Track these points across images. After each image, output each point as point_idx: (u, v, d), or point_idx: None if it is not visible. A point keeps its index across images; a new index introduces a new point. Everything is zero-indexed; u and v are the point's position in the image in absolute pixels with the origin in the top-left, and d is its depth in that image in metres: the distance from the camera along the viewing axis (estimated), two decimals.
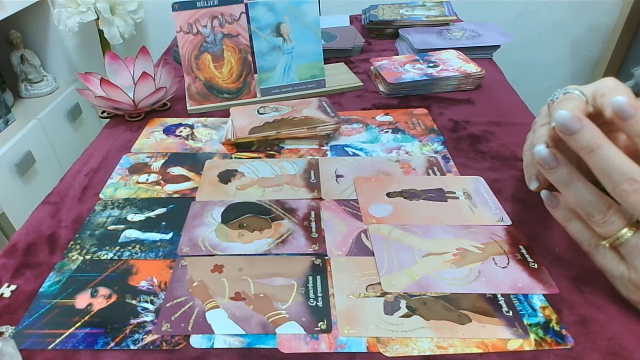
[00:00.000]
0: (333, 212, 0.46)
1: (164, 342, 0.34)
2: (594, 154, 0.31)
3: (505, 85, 0.73)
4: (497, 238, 0.42)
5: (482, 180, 0.50)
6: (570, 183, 0.33)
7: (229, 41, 0.66)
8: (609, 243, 0.33)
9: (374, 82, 0.75)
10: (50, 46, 1.43)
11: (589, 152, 0.31)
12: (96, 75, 0.65)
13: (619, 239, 0.32)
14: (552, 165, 0.33)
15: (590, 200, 0.32)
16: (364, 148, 0.57)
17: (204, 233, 0.44)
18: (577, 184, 0.33)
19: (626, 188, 0.30)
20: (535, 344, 0.33)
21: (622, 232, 0.32)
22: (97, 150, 0.59)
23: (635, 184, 0.30)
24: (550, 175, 0.34)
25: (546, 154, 0.34)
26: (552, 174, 0.34)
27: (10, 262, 0.41)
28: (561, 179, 0.33)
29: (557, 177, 0.34)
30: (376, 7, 1.03)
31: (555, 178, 0.34)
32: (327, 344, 0.33)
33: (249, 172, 0.52)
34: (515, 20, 1.49)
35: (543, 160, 0.34)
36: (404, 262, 0.39)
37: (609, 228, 0.32)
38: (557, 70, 1.60)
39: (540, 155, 0.34)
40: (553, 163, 0.33)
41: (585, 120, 0.31)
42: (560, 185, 0.34)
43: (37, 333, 0.35)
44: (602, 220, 0.32)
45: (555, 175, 0.34)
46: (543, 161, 0.34)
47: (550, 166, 0.34)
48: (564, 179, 0.33)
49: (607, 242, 0.33)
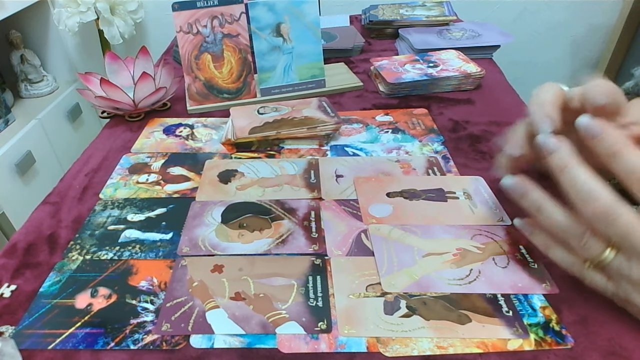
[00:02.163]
0: (333, 212, 0.46)
1: (164, 342, 0.34)
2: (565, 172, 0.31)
3: (505, 85, 0.73)
4: (497, 238, 0.42)
5: (482, 180, 0.50)
6: (541, 209, 0.32)
7: (229, 41, 0.66)
8: (592, 265, 0.32)
9: (374, 82, 0.75)
10: (50, 46, 1.43)
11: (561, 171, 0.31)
12: (96, 75, 0.65)
13: (602, 261, 0.31)
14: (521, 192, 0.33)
15: (563, 226, 0.32)
16: (364, 148, 0.57)
17: (204, 233, 0.44)
18: (549, 209, 0.32)
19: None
20: (535, 344, 0.33)
21: (605, 254, 0.31)
22: (97, 150, 0.59)
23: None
24: (521, 203, 0.34)
25: (513, 183, 0.34)
26: (523, 200, 0.34)
27: (10, 262, 0.41)
28: (531, 204, 0.33)
29: (527, 202, 0.33)
30: (376, 7, 1.03)
31: (525, 204, 0.34)
32: (327, 344, 0.33)
33: (249, 172, 0.52)
34: (515, 20, 1.49)
35: (511, 190, 0.34)
36: (404, 262, 0.39)
37: (589, 252, 0.31)
38: (557, 70, 1.60)
39: (506, 185, 0.34)
40: (521, 190, 0.33)
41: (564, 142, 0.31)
42: (531, 210, 0.33)
43: (37, 333, 0.35)
44: (579, 245, 0.31)
45: (525, 202, 0.33)
46: (511, 190, 0.34)
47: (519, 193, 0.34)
48: (534, 205, 0.33)
49: (591, 265, 0.32)
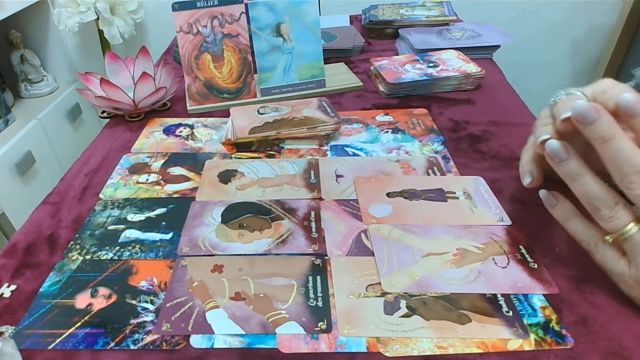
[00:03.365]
0: (333, 212, 0.46)
1: (164, 342, 0.34)
2: (607, 144, 0.31)
3: (505, 85, 0.73)
4: (497, 238, 0.42)
5: (482, 180, 0.50)
6: (579, 176, 0.33)
7: (229, 41, 0.66)
8: (613, 238, 0.33)
9: (374, 82, 0.75)
10: (50, 46, 1.43)
11: (603, 143, 0.31)
12: (96, 75, 0.65)
13: (624, 234, 0.32)
14: (563, 158, 0.33)
15: (598, 195, 0.32)
16: (364, 148, 0.57)
17: (204, 233, 0.44)
18: (586, 178, 0.33)
19: (635, 180, 0.30)
20: (535, 344, 0.33)
21: (628, 227, 0.32)
22: (97, 150, 0.59)
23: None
24: (560, 168, 0.34)
25: (557, 146, 0.34)
26: (562, 166, 0.34)
27: (10, 262, 0.41)
28: (571, 171, 0.33)
29: (566, 170, 0.34)
30: (376, 7, 1.03)
31: (564, 171, 0.34)
32: (327, 344, 0.33)
33: (249, 172, 0.52)
34: (515, 20, 1.49)
35: (554, 153, 0.34)
36: (404, 262, 0.39)
37: (615, 223, 0.32)
38: (557, 70, 1.59)
39: (551, 147, 0.34)
40: (564, 155, 0.33)
41: (602, 111, 0.31)
42: (568, 179, 0.34)
43: (37, 333, 0.35)
44: (608, 215, 0.32)
45: (565, 168, 0.34)
46: (554, 153, 0.34)
47: (560, 159, 0.34)
48: (573, 172, 0.33)
49: (612, 238, 0.33)
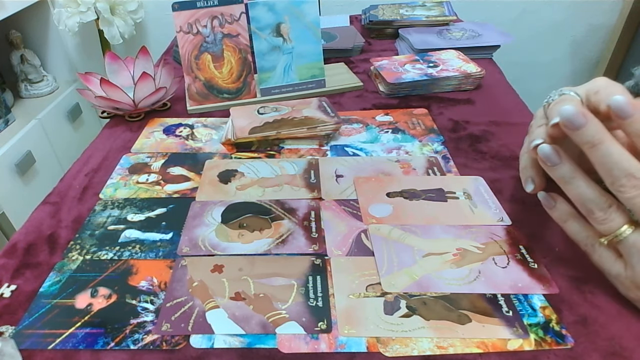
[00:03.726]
0: (333, 212, 0.46)
1: (164, 342, 0.34)
2: (596, 149, 0.31)
3: (505, 85, 0.73)
4: (497, 238, 0.42)
5: (482, 180, 0.50)
6: (572, 179, 0.33)
7: (229, 41, 0.66)
8: (607, 240, 0.33)
9: (374, 82, 0.75)
10: (50, 46, 1.43)
11: (591, 147, 0.31)
12: (96, 75, 0.65)
13: (618, 236, 0.32)
14: (555, 162, 0.34)
15: (591, 197, 0.32)
16: (364, 148, 0.57)
17: (204, 233, 0.44)
18: (579, 181, 0.33)
19: (625, 183, 0.30)
20: (535, 344, 0.33)
21: (622, 229, 0.32)
22: (97, 150, 0.59)
23: (633, 180, 0.30)
24: (553, 172, 0.34)
25: (549, 150, 0.34)
26: (555, 170, 0.34)
27: (10, 262, 0.41)
28: (563, 175, 0.33)
29: (559, 173, 0.34)
30: (376, 7, 1.03)
31: (557, 175, 0.34)
32: (327, 344, 0.33)
33: (249, 172, 0.52)
34: (515, 20, 1.49)
35: (546, 157, 0.34)
36: (404, 262, 0.39)
37: (609, 225, 0.32)
38: (557, 70, 1.59)
39: (543, 152, 0.34)
40: (556, 159, 0.34)
41: (589, 116, 0.31)
42: (562, 182, 0.34)
43: (37, 333, 0.35)
44: (602, 218, 0.32)
45: (557, 172, 0.34)
46: (546, 158, 0.34)
47: (552, 163, 0.34)
48: (566, 176, 0.33)
49: (606, 240, 0.33)
